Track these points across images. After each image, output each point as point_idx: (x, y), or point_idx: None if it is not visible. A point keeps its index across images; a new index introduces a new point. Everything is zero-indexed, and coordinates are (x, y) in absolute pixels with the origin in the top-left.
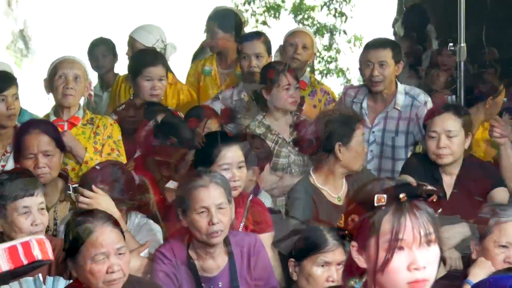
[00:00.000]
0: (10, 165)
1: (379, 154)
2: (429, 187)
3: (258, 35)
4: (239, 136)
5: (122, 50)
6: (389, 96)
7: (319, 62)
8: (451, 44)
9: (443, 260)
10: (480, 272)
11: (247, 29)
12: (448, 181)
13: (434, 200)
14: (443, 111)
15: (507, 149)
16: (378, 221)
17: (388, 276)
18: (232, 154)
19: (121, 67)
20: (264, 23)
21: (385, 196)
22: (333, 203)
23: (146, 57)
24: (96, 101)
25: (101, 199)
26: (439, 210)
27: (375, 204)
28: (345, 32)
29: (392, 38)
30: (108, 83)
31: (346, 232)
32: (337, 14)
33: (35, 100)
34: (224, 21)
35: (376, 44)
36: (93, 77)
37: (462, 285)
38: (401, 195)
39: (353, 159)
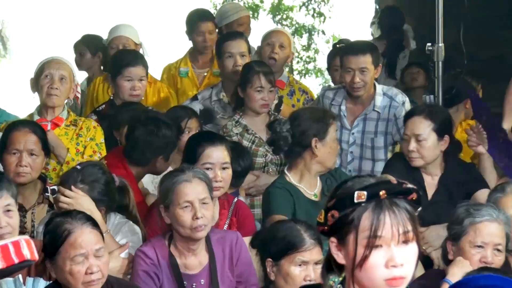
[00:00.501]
0: None
1: (359, 155)
2: (409, 185)
3: (241, 34)
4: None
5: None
6: (367, 98)
7: (298, 62)
8: (429, 44)
9: (430, 260)
10: (458, 271)
11: None
12: (430, 182)
13: (414, 198)
14: (415, 114)
15: (486, 155)
16: (357, 218)
17: (366, 273)
18: (216, 154)
19: None
20: None
21: (365, 193)
22: (310, 199)
23: (126, 57)
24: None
25: (82, 200)
26: (419, 208)
27: (355, 201)
28: (323, 32)
29: (370, 38)
30: (92, 80)
31: (326, 227)
32: (315, 15)
33: (13, 100)
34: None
35: (356, 51)
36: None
37: (440, 284)
38: (381, 192)
39: (328, 155)
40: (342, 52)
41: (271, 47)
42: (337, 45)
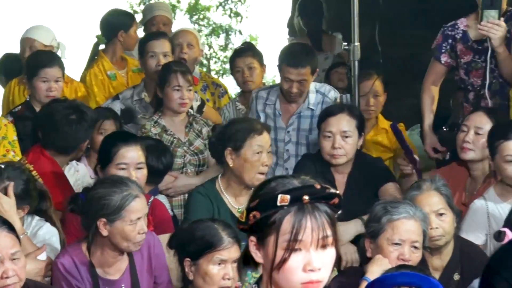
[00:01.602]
0: None
1: (295, 153)
2: (332, 190)
3: (164, 34)
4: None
5: None
6: (301, 96)
7: (215, 62)
8: (345, 43)
9: (339, 258)
10: (377, 269)
11: None
12: (341, 180)
13: (336, 202)
14: (338, 112)
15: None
16: (279, 220)
17: (284, 275)
18: (130, 154)
19: None
20: None
21: (288, 196)
22: (233, 213)
23: (42, 58)
24: None
25: (4, 201)
26: (339, 212)
27: (278, 204)
28: (240, 32)
29: (287, 37)
30: None
31: (246, 226)
32: (232, 14)
33: None
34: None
35: (296, 64)
36: None
37: (360, 282)
38: (305, 197)
39: (244, 169)
40: (280, 60)
41: (180, 48)
42: (237, 48)
